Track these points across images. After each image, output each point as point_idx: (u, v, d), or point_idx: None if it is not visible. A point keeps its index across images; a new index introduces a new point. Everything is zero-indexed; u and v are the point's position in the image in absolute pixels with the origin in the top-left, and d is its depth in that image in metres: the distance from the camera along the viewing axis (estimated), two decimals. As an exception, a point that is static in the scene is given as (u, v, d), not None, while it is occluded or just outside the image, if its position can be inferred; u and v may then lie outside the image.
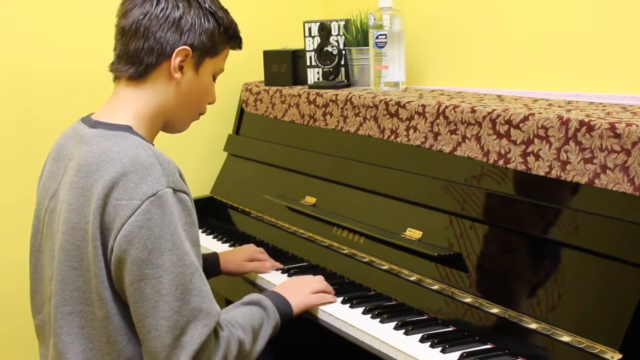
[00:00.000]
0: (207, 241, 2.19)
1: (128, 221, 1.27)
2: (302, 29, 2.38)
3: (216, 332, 1.34)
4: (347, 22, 2.28)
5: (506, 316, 1.44)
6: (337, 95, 2.08)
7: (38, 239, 1.49)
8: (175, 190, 1.31)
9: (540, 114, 1.52)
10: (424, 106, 1.79)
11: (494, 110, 1.62)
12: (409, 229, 1.72)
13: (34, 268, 1.50)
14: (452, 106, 1.72)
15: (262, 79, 2.50)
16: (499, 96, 1.91)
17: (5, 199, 2.28)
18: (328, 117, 2.11)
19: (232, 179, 2.45)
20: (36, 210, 1.50)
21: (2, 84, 2.25)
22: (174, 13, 1.41)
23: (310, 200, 2.06)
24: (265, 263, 1.88)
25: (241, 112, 2.54)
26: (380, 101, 1.92)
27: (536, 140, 1.51)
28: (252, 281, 1.89)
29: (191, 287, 1.30)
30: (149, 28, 1.40)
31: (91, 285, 1.34)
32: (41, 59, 2.29)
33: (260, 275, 1.87)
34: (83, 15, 2.34)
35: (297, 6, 2.72)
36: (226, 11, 1.50)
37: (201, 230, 2.27)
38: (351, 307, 1.63)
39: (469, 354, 1.38)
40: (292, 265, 1.92)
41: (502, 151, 1.58)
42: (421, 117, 1.79)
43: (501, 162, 1.58)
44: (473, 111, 1.66)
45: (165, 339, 1.28)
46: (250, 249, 1.93)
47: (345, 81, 2.29)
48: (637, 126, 1.32)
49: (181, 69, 1.43)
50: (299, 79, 2.43)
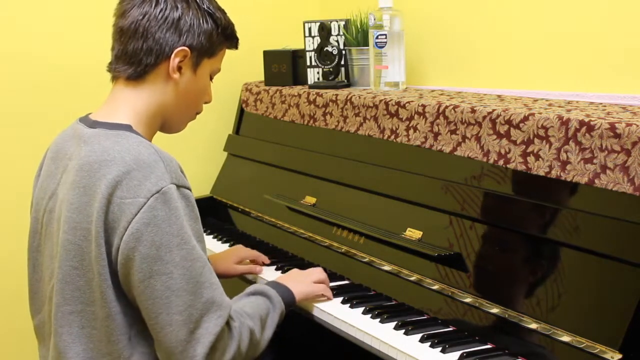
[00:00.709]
0: (207, 241, 2.17)
1: (134, 219, 1.28)
2: (302, 29, 2.38)
3: (228, 323, 1.36)
4: (347, 22, 2.28)
5: (506, 316, 1.44)
6: (337, 95, 2.08)
7: (36, 240, 1.49)
8: (178, 186, 1.32)
9: (540, 114, 1.52)
10: (424, 106, 1.79)
11: (494, 110, 1.62)
12: (409, 229, 1.72)
13: (33, 268, 1.50)
14: (452, 106, 1.72)
15: (262, 79, 2.50)
16: (499, 96, 1.91)
17: (4, 199, 2.28)
18: (328, 117, 2.11)
19: (232, 179, 2.45)
20: (33, 210, 1.50)
21: (1, 85, 2.25)
22: (172, 14, 1.42)
23: (310, 200, 2.06)
24: (256, 267, 1.86)
25: (241, 112, 2.54)
26: (380, 101, 1.92)
27: (536, 140, 1.51)
28: (248, 280, 1.89)
29: (202, 280, 1.31)
30: (148, 29, 1.41)
31: (93, 285, 1.34)
32: (38, 57, 2.28)
33: (259, 275, 1.86)
34: (81, 14, 2.33)
35: (297, 6, 2.72)
36: (223, 11, 1.51)
37: (201, 230, 2.27)
38: (351, 307, 1.63)
39: (469, 354, 1.38)
40: (291, 264, 1.92)
41: (502, 151, 1.58)
42: (421, 117, 1.79)
43: (501, 162, 1.59)
44: (473, 111, 1.66)
45: (180, 333, 1.29)
46: (239, 251, 1.92)
47: (345, 81, 2.29)
48: (637, 126, 1.32)
49: (179, 69, 1.44)
50: (299, 79, 2.43)
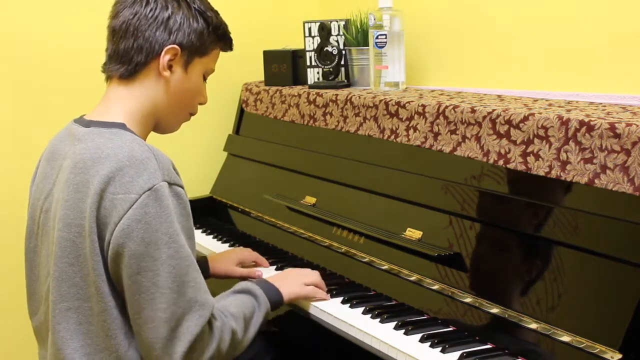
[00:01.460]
0: (207, 241, 2.19)
1: (125, 215, 1.29)
2: (302, 29, 2.38)
3: (210, 323, 1.36)
4: (347, 22, 2.28)
5: (506, 316, 1.44)
6: (337, 95, 2.08)
7: (33, 241, 1.50)
8: (170, 184, 1.34)
9: (540, 114, 1.52)
10: (424, 106, 1.79)
11: (494, 110, 1.62)
12: (409, 229, 1.72)
13: (30, 270, 1.51)
14: (452, 106, 1.72)
15: (262, 79, 2.50)
16: (499, 96, 1.91)
17: (1, 200, 2.28)
18: (328, 117, 2.11)
19: (232, 179, 2.45)
20: (30, 211, 1.51)
21: (4, 85, 2.25)
22: (162, 13, 1.44)
23: (310, 200, 2.06)
24: (255, 272, 1.85)
25: (241, 112, 2.54)
26: (380, 101, 1.92)
27: (536, 140, 1.51)
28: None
29: (187, 279, 1.32)
30: (138, 27, 1.43)
31: (89, 280, 1.35)
32: (35, 59, 2.28)
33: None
34: (79, 16, 2.33)
35: (297, 6, 2.73)
36: (216, 12, 1.52)
37: (201, 230, 2.27)
38: (351, 307, 1.63)
39: (469, 354, 1.38)
40: (291, 264, 1.91)
41: (502, 151, 1.58)
42: (421, 117, 1.79)
43: (501, 162, 1.59)
44: (473, 111, 1.66)
45: (161, 330, 1.30)
46: (241, 253, 1.91)
47: (345, 81, 2.29)
48: (637, 126, 1.32)
49: (170, 67, 1.46)
50: (299, 79, 2.44)
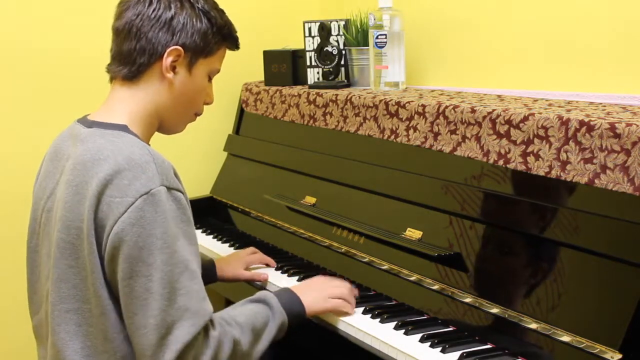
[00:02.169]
0: (207, 241, 2.19)
1: (121, 218, 1.28)
2: (302, 29, 2.38)
3: (207, 331, 1.33)
4: (347, 22, 2.28)
5: (506, 316, 1.44)
6: (337, 95, 2.08)
7: (34, 240, 1.49)
8: (169, 189, 1.32)
9: (540, 114, 1.52)
10: (424, 106, 1.79)
11: (494, 110, 1.62)
12: (409, 229, 1.72)
13: (31, 269, 1.51)
14: (452, 106, 1.72)
15: (262, 79, 2.50)
16: (499, 96, 1.91)
17: (4, 200, 2.28)
18: (328, 117, 2.11)
19: (232, 179, 2.45)
20: (32, 211, 1.51)
21: (3, 85, 2.25)
22: (165, 13, 1.42)
23: (310, 200, 2.06)
24: (262, 275, 1.84)
25: (241, 112, 2.54)
26: (380, 101, 1.92)
27: (536, 140, 1.51)
28: (256, 286, 1.88)
29: (178, 286, 1.30)
30: (140, 28, 1.42)
31: (88, 283, 1.34)
32: (38, 59, 2.29)
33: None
34: (82, 15, 2.34)
35: (297, 6, 2.72)
36: (221, 11, 1.50)
37: (201, 230, 2.27)
38: (351, 307, 1.63)
39: (469, 354, 1.38)
40: (291, 264, 1.92)
41: (502, 151, 1.58)
42: (421, 117, 1.79)
43: (501, 162, 1.58)
44: (473, 111, 1.66)
45: (151, 337, 1.28)
46: (244, 255, 1.90)
47: (345, 81, 2.29)
48: (637, 126, 1.32)
49: (174, 69, 1.44)
50: (299, 79, 2.43)
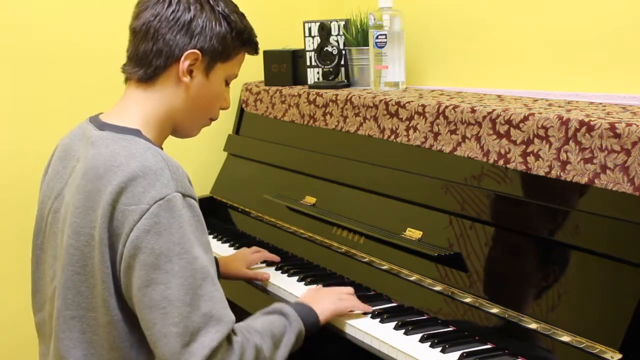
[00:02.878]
0: (207, 241, 2.18)
1: (136, 225, 1.25)
2: (302, 29, 2.38)
3: (229, 338, 1.29)
4: (347, 22, 2.28)
5: (506, 316, 1.44)
6: (337, 95, 2.08)
7: (40, 238, 1.48)
8: (184, 195, 1.29)
9: (540, 114, 1.52)
10: (424, 106, 1.79)
11: (494, 110, 1.62)
12: (409, 229, 1.72)
13: (36, 266, 1.49)
14: (452, 106, 1.72)
15: (262, 79, 2.50)
16: (499, 96, 1.91)
17: (6, 196, 2.29)
18: (328, 117, 2.11)
19: (232, 179, 2.45)
20: (39, 208, 1.49)
21: (3, 83, 2.25)
22: (184, 15, 1.38)
23: (310, 200, 2.06)
24: (264, 275, 1.84)
25: (241, 112, 2.54)
26: (380, 101, 1.92)
27: (536, 140, 1.51)
28: (252, 282, 1.89)
29: (202, 292, 1.26)
30: (158, 30, 1.38)
31: (95, 292, 1.32)
32: (39, 60, 2.29)
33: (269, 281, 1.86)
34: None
35: (297, 6, 2.72)
36: (241, 15, 1.47)
37: (201, 230, 2.27)
38: (351, 307, 1.63)
39: (469, 354, 1.38)
40: (291, 264, 1.92)
41: (502, 151, 1.58)
42: (421, 117, 1.79)
43: (501, 162, 1.59)
44: (473, 111, 1.66)
45: (174, 345, 1.24)
46: (246, 255, 1.90)
47: (345, 81, 2.29)
48: (637, 126, 1.32)
49: (190, 72, 1.40)
50: (299, 79, 2.43)
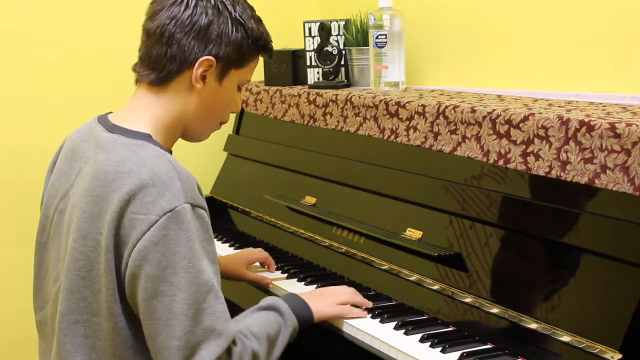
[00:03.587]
0: (207, 241, 2.18)
1: (144, 236, 1.24)
2: (302, 29, 2.38)
3: (229, 350, 1.29)
4: (347, 22, 2.28)
5: (506, 316, 1.44)
6: (337, 95, 2.08)
7: (44, 237, 1.47)
8: (193, 206, 1.28)
9: (540, 114, 1.52)
10: (424, 106, 1.79)
11: (494, 110, 1.62)
12: (409, 229, 1.72)
13: (39, 265, 1.48)
14: (452, 106, 1.72)
15: (262, 79, 2.50)
16: (499, 96, 1.91)
17: (7, 195, 2.29)
18: (328, 117, 2.11)
19: (232, 179, 2.45)
20: (44, 207, 1.47)
21: (3, 84, 2.25)
22: (201, 20, 1.35)
23: (310, 200, 2.06)
24: (265, 279, 1.82)
25: (241, 112, 2.54)
26: (380, 101, 1.92)
27: (536, 140, 1.51)
28: (257, 286, 1.88)
29: (205, 306, 1.26)
30: (173, 34, 1.35)
31: (100, 297, 1.31)
32: (38, 61, 2.29)
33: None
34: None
35: (297, 6, 2.73)
36: (258, 20, 1.43)
37: (201, 230, 2.27)
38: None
39: (469, 354, 1.38)
40: (291, 264, 1.92)
41: (502, 151, 1.58)
42: (421, 117, 1.79)
43: (501, 162, 1.59)
44: (473, 111, 1.66)
45: (175, 358, 1.24)
46: (249, 253, 1.89)
47: (345, 81, 2.29)
48: (637, 126, 1.32)
49: (204, 78, 1.38)
50: (299, 79, 2.43)
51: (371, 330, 1.51)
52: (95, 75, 2.34)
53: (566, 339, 1.32)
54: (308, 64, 2.37)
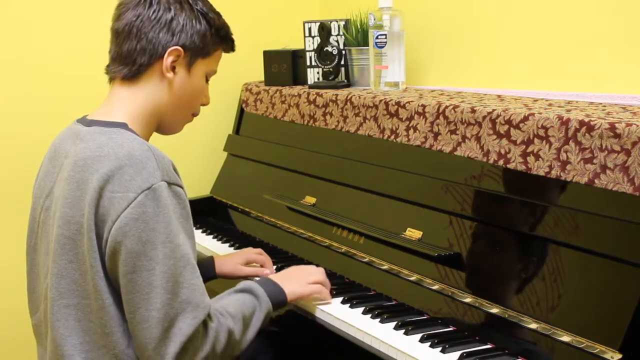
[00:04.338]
0: (207, 241, 2.19)
1: (123, 213, 1.30)
2: (302, 29, 2.38)
3: (205, 324, 1.36)
4: (347, 22, 2.28)
5: (506, 316, 1.44)
6: (337, 95, 2.08)
7: (33, 239, 1.50)
8: (169, 184, 1.34)
9: (540, 114, 1.52)
10: (424, 106, 1.79)
11: (494, 110, 1.62)
12: (409, 229, 1.72)
13: (30, 268, 1.52)
14: (452, 106, 1.72)
15: (262, 79, 2.50)
16: (499, 96, 1.91)
17: (5, 201, 2.29)
18: (328, 117, 2.11)
19: (232, 179, 2.45)
20: (32, 210, 1.52)
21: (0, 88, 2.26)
22: (165, 15, 1.44)
23: (310, 200, 2.06)
24: (265, 270, 1.85)
25: (241, 112, 2.54)
26: (380, 101, 1.92)
27: (536, 140, 1.51)
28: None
29: (181, 279, 1.32)
30: (141, 29, 1.44)
31: (87, 278, 1.36)
32: (38, 63, 2.29)
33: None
34: (81, 19, 2.34)
35: (297, 6, 2.73)
36: (218, 13, 1.53)
37: (201, 230, 2.27)
38: (351, 307, 1.63)
39: (469, 354, 1.38)
40: (291, 264, 1.91)
41: (502, 151, 1.58)
42: (421, 117, 1.79)
43: (501, 162, 1.59)
44: (473, 111, 1.66)
45: (154, 330, 1.30)
46: (247, 252, 1.91)
47: (345, 81, 2.29)
48: (637, 126, 1.32)
49: (173, 69, 1.46)
50: (299, 79, 2.44)
51: (371, 330, 1.51)
52: (91, 81, 2.33)
53: (566, 339, 1.32)
54: (308, 64, 2.37)
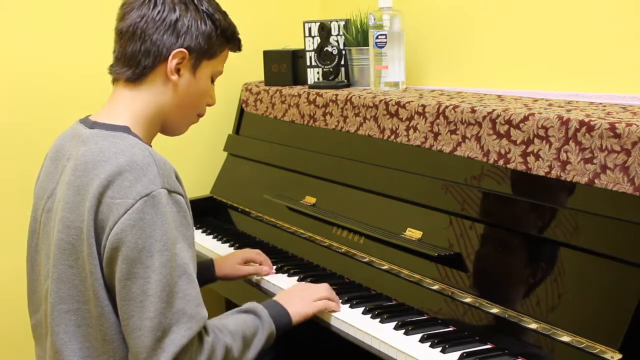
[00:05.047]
0: (207, 241, 2.19)
1: (121, 219, 1.28)
2: (302, 29, 2.38)
3: (200, 337, 1.33)
4: (347, 22, 2.28)
5: (506, 316, 1.44)
6: (337, 95, 2.08)
7: (34, 239, 1.49)
8: (170, 192, 1.32)
9: (540, 114, 1.52)
10: (424, 106, 1.79)
11: (494, 110, 1.62)
12: (409, 229, 1.72)
13: (31, 268, 1.51)
14: (452, 106, 1.72)
15: (262, 79, 2.50)
16: (499, 96, 1.91)
17: (5, 200, 2.28)
18: (328, 117, 2.11)
19: (232, 179, 2.45)
20: (33, 210, 1.51)
21: (2, 87, 2.25)
22: (170, 16, 1.42)
23: (310, 200, 2.06)
24: (264, 267, 1.86)
25: (241, 112, 2.54)
26: (380, 101, 1.92)
27: (536, 140, 1.51)
28: (251, 281, 1.89)
29: (177, 289, 1.29)
30: (145, 30, 1.41)
31: (87, 284, 1.34)
32: (41, 61, 2.29)
33: (264, 278, 1.86)
34: (85, 19, 2.34)
35: (297, 6, 2.73)
36: (224, 13, 1.50)
37: (201, 230, 2.27)
38: (351, 307, 1.63)
39: (469, 354, 1.38)
40: (291, 264, 1.92)
41: (502, 151, 1.58)
42: (421, 117, 1.79)
43: (501, 162, 1.59)
44: (473, 111, 1.66)
45: (147, 339, 1.28)
46: (245, 251, 1.91)
47: (345, 81, 2.29)
48: (637, 126, 1.32)
49: (178, 71, 1.44)
50: (299, 79, 2.44)
51: (371, 330, 1.51)
52: (95, 80, 2.33)
53: (566, 339, 1.32)
54: (308, 64, 2.37)
